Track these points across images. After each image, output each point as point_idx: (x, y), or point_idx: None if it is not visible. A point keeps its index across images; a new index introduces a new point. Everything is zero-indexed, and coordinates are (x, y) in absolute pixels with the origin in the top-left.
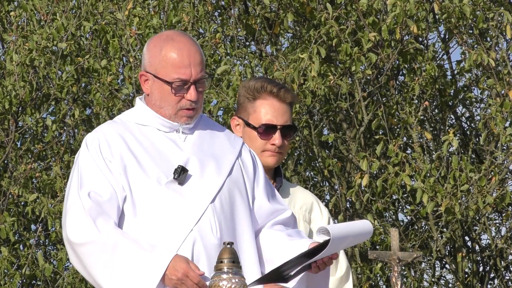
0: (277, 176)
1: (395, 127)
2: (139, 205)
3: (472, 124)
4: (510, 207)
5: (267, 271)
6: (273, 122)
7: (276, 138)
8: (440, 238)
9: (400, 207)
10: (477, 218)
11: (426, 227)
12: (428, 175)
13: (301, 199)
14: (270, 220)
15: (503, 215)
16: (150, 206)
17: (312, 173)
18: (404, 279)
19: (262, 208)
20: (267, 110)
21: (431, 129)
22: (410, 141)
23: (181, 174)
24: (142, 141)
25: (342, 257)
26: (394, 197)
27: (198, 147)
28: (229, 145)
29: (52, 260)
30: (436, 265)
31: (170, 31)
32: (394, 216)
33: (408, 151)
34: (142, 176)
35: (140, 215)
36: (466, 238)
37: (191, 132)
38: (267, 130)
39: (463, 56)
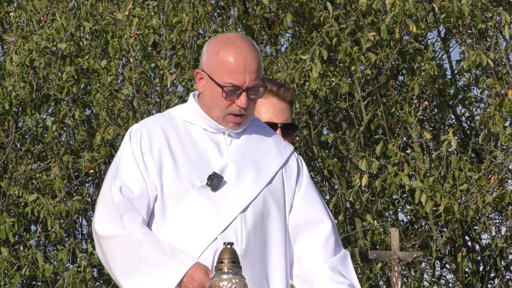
0: None
1: (395, 127)
2: (169, 206)
3: (472, 124)
4: (510, 206)
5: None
6: (274, 121)
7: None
8: (439, 237)
9: (400, 207)
10: (477, 217)
11: (426, 227)
12: (428, 174)
13: None
14: (305, 230)
15: (502, 214)
16: (179, 209)
17: (312, 173)
18: (404, 279)
19: (298, 214)
20: (267, 109)
21: (430, 129)
22: (410, 141)
23: (214, 180)
24: (185, 140)
25: None
26: (394, 197)
27: (241, 153)
28: (275, 153)
29: (52, 261)
30: (436, 265)
31: (233, 34)
32: (394, 216)
33: (408, 151)
34: (175, 178)
35: (168, 217)
36: (466, 237)
37: (238, 136)
38: None
39: (462, 56)
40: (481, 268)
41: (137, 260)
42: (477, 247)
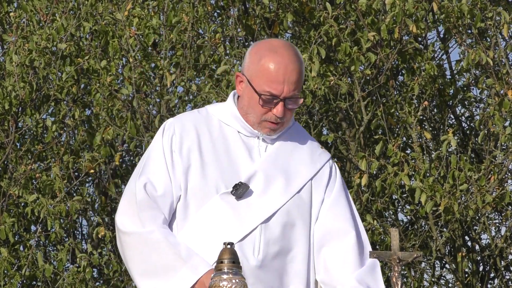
0: None
1: (395, 127)
2: (191, 208)
3: (471, 124)
4: (510, 206)
5: None
6: None
7: None
8: (439, 237)
9: (400, 207)
10: (477, 217)
11: (426, 227)
12: (428, 174)
13: None
14: (330, 239)
15: (502, 214)
16: (200, 213)
17: None
18: (404, 279)
19: (323, 224)
20: None
21: (430, 129)
22: (410, 141)
23: (239, 190)
24: (217, 141)
25: None
26: (394, 197)
27: (272, 161)
28: (309, 162)
29: (52, 261)
30: (436, 265)
31: (277, 41)
32: (394, 216)
33: (408, 151)
34: (201, 180)
35: (189, 219)
36: (466, 238)
37: (273, 142)
38: None
39: (462, 55)
40: (481, 268)
41: (153, 260)
42: (477, 247)
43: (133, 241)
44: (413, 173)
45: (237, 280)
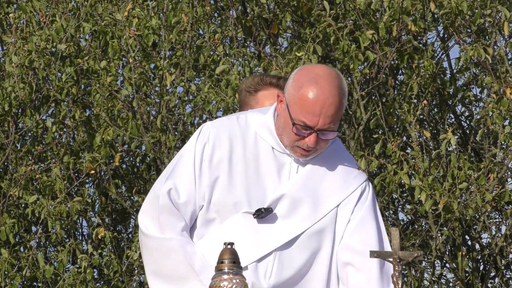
0: None
1: (394, 126)
2: (212, 220)
3: (471, 123)
4: (510, 205)
5: None
6: None
7: None
8: (439, 236)
9: (400, 206)
10: (477, 216)
11: (426, 226)
12: (427, 173)
13: None
14: (351, 261)
15: (502, 213)
16: (220, 227)
17: None
18: (405, 279)
19: (346, 244)
20: (270, 100)
21: (430, 128)
22: (410, 141)
23: (262, 214)
24: (250, 155)
25: None
26: (393, 196)
27: (301, 184)
28: (341, 185)
29: (52, 262)
30: (437, 264)
31: (323, 70)
32: (394, 216)
33: (408, 150)
34: (226, 195)
35: (209, 230)
36: (466, 237)
37: (305, 162)
38: None
39: (461, 54)
40: (481, 267)
41: (167, 267)
42: (477, 246)
43: (150, 244)
44: (413, 172)
45: (237, 280)
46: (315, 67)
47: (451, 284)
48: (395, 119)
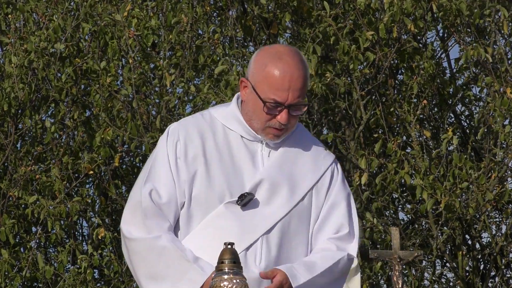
0: None
1: (394, 126)
2: (195, 216)
3: (471, 123)
4: (510, 204)
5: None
6: None
7: None
8: (440, 235)
9: (400, 205)
10: (477, 216)
11: (426, 225)
12: (428, 173)
13: None
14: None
15: (502, 212)
16: (204, 221)
17: None
18: (405, 278)
19: (321, 225)
20: None
21: (430, 127)
22: (410, 140)
23: (245, 200)
24: (221, 147)
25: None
26: (394, 196)
27: (277, 167)
28: (312, 167)
29: (52, 262)
30: (437, 264)
31: (282, 47)
32: (394, 215)
33: (408, 150)
34: (206, 188)
35: (193, 226)
36: (467, 236)
37: (277, 146)
38: None
39: (461, 53)
40: (481, 267)
41: (160, 265)
42: (478, 245)
43: (139, 247)
44: (413, 172)
45: (237, 280)
46: (274, 46)
47: (451, 284)
48: (395, 119)
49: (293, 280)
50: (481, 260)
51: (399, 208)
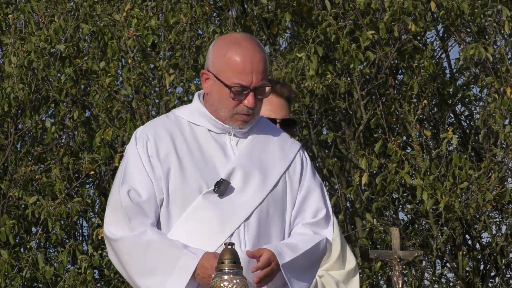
0: None
1: (395, 126)
2: (175, 211)
3: (471, 123)
4: (510, 204)
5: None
6: (272, 116)
7: None
8: (440, 236)
9: (400, 206)
10: (477, 216)
11: (426, 225)
12: (428, 173)
13: None
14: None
15: (503, 213)
16: (185, 214)
17: None
18: (405, 278)
19: (299, 213)
20: (266, 106)
21: (430, 127)
22: (410, 140)
23: (221, 186)
24: (191, 143)
25: (349, 254)
26: (394, 196)
27: (247, 156)
28: (281, 154)
29: (53, 263)
30: (437, 264)
31: (238, 34)
32: (394, 215)
33: (408, 150)
34: (182, 182)
35: (174, 221)
36: (467, 236)
37: (245, 136)
38: None
39: (461, 53)
40: (481, 267)
41: (150, 259)
42: (478, 245)
43: (125, 245)
44: (413, 172)
45: (238, 281)
46: (229, 34)
47: (451, 284)
48: (395, 119)
49: (279, 257)
50: (481, 260)
51: (399, 208)
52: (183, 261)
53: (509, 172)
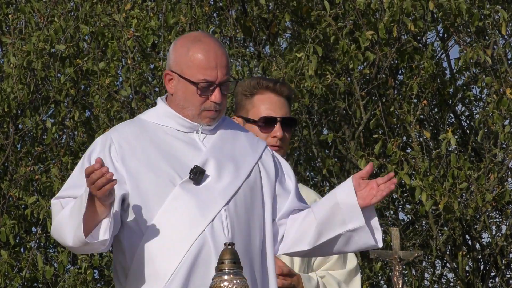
0: None
1: (394, 126)
2: (152, 206)
3: (471, 123)
4: (510, 205)
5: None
6: (273, 115)
7: (277, 130)
8: (440, 236)
9: (400, 206)
10: (477, 216)
11: (426, 226)
12: (428, 173)
13: (304, 197)
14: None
15: (503, 213)
16: (164, 207)
17: (312, 173)
18: (405, 278)
19: (282, 204)
20: (266, 104)
21: (430, 128)
22: (410, 141)
23: (197, 174)
24: (158, 142)
25: (351, 253)
26: (394, 196)
27: (218, 148)
28: (250, 148)
29: (53, 263)
30: (437, 264)
31: (197, 32)
32: (394, 216)
33: (408, 150)
34: (154, 178)
35: (153, 216)
36: (467, 236)
37: (212, 132)
38: (267, 123)
39: (461, 54)
40: (481, 267)
41: (67, 217)
42: (478, 245)
43: (56, 224)
44: (413, 172)
45: (238, 281)
46: (188, 34)
47: (451, 284)
48: (395, 119)
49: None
50: (481, 260)
51: (399, 209)
52: (78, 201)
53: (509, 173)
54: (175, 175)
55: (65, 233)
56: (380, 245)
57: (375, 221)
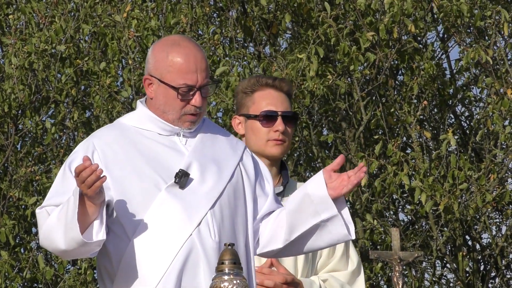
0: (282, 170)
1: (395, 127)
2: (138, 211)
3: (471, 123)
4: (510, 205)
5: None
6: (273, 109)
7: (279, 124)
8: (440, 237)
9: (400, 206)
10: (477, 217)
11: (427, 226)
12: (428, 174)
13: None
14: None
15: (503, 213)
16: (150, 211)
17: (312, 173)
18: (405, 279)
19: (261, 207)
20: (266, 100)
21: (430, 128)
22: (410, 141)
23: (182, 178)
24: (140, 146)
25: (352, 251)
26: (394, 197)
27: (200, 151)
28: (230, 150)
29: (53, 263)
30: (437, 265)
31: (175, 36)
32: (394, 216)
33: (408, 151)
34: (139, 183)
35: (140, 221)
36: (467, 237)
37: (193, 135)
38: (268, 118)
39: (461, 55)
40: (481, 268)
41: (58, 222)
42: (478, 246)
43: (45, 228)
44: (413, 173)
45: (238, 281)
46: (166, 37)
47: (451, 285)
48: (395, 120)
49: None
50: (481, 261)
51: (399, 209)
52: (69, 201)
53: (509, 173)
54: (159, 179)
55: (56, 238)
56: (353, 237)
57: (346, 213)
